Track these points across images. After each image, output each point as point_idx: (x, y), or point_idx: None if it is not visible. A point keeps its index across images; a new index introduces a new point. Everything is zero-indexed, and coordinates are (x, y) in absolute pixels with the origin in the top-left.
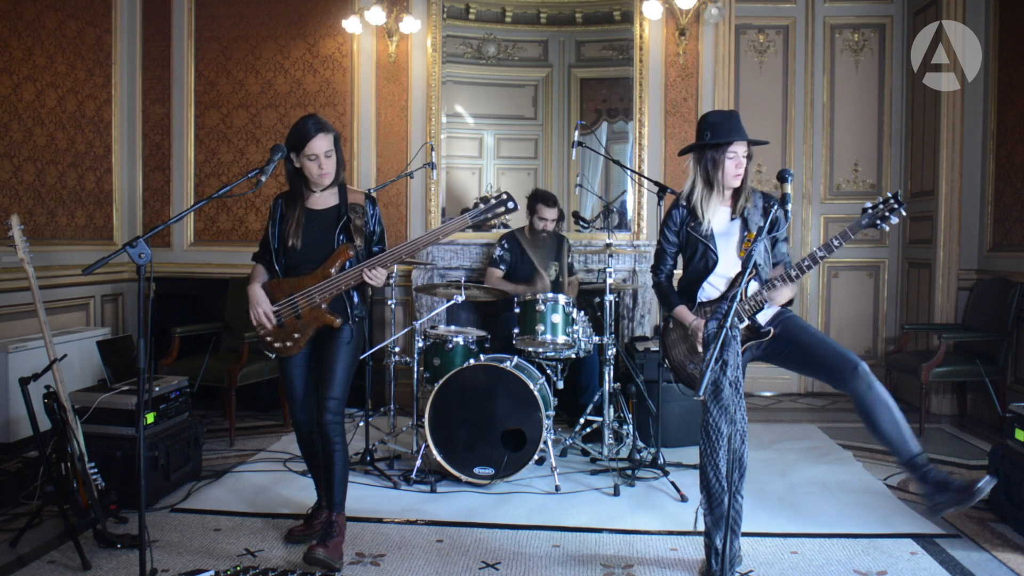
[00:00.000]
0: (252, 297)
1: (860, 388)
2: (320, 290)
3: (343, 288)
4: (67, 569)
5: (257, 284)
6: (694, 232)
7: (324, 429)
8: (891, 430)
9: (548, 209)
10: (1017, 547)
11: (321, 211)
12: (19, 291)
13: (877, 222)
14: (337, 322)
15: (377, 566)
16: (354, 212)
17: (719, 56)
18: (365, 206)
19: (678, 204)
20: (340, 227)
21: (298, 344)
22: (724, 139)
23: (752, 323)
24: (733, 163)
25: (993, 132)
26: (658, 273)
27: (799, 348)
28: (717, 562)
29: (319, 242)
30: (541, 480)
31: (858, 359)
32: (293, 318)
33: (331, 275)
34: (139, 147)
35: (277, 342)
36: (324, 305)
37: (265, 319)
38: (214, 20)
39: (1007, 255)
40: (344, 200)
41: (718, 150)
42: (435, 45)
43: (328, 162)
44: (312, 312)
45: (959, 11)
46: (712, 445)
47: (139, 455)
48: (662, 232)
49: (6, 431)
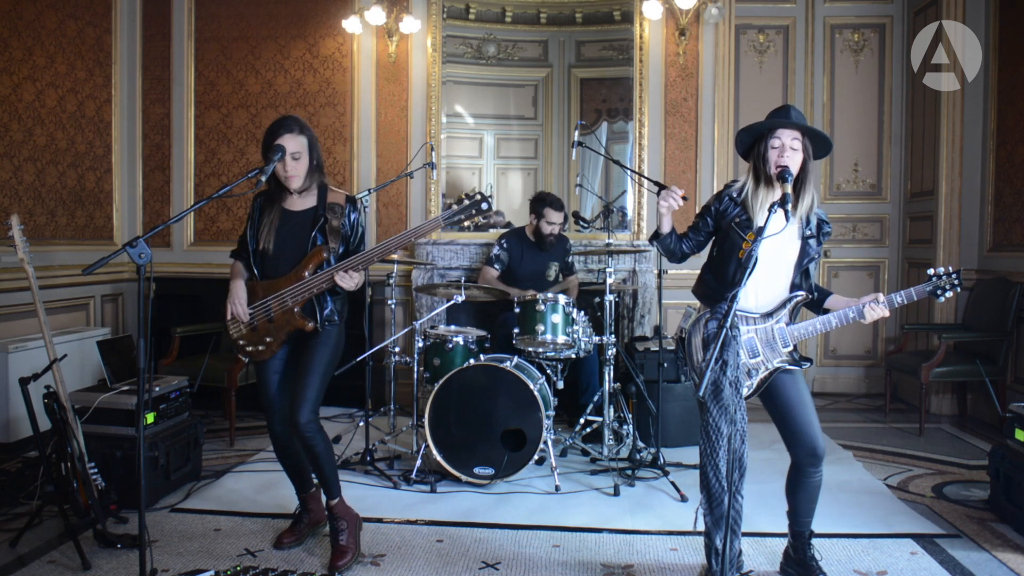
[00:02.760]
0: (232, 290)
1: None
2: (292, 293)
3: (315, 291)
4: (67, 569)
5: (239, 280)
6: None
7: (299, 431)
8: (805, 500)
9: (556, 213)
10: (1017, 547)
11: (298, 212)
12: (19, 291)
13: (937, 292)
14: (309, 326)
15: (377, 566)
16: (331, 212)
17: (719, 56)
18: (345, 206)
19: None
20: (316, 228)
21: (271, 348)
22: (768, 123)
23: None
24: (776, 152)
25: (993, 132)
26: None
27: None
28: (717, 562)
29: (294, 244)
30: (541, 480)
31: (823, 453)
32: (265, 321)
33: (304, 278)
34: (139, 147)
35: (249, 346)
36: (296, 308)
37: (241, 313)
38: (214, 20)
39: (1007, 255)
40: (323, 201)
41: (763, 138)
42: (435, 45)
43: (295, 164)
44: (284, 316)
45: (959, 11)
46: (712, 445)
47: (139, 455)
48: (701, 213)
49: (6, 431)
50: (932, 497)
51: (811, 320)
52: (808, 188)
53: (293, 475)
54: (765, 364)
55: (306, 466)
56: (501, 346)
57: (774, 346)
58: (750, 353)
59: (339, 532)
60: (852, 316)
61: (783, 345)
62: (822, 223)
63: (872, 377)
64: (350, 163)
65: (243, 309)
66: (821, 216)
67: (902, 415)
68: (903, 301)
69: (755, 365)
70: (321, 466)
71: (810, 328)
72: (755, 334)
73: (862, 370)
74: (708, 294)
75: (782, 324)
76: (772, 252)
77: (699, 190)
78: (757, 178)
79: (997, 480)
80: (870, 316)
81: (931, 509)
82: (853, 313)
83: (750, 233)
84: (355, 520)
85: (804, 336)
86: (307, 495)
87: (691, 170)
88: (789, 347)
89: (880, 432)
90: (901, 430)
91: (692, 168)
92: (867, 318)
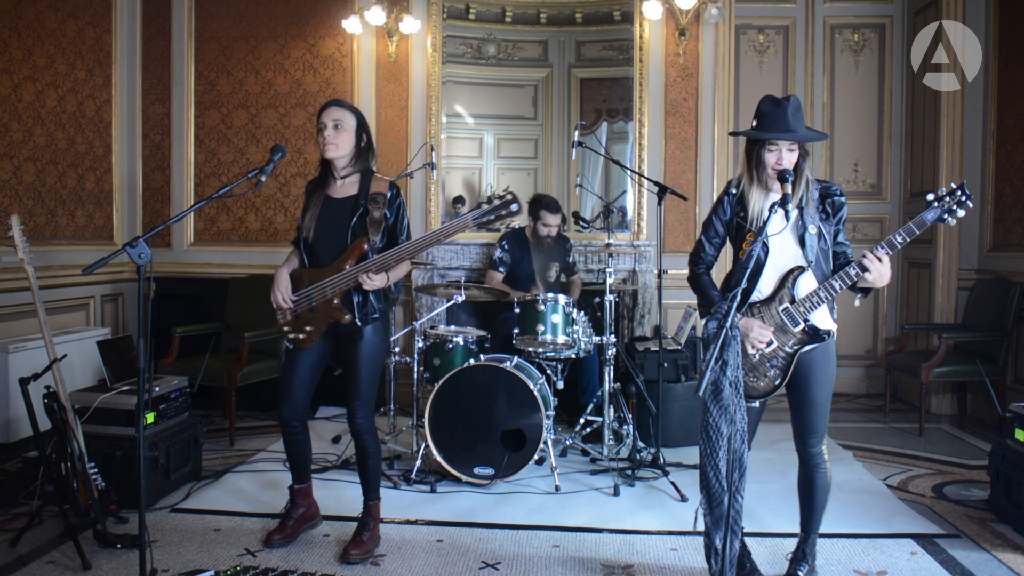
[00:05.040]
0: (276, 278)
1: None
2: (332, 284)
3: (352, 285)
4: (67, 569)
5: (285, 268)
6: (744, 224)
7: (356, 432)
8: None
9: (552, 216)
10: (1017, 547)
11: (338, 200)
12: (19, 291)
13: (945, 216)
14: (346, 318)
15: (377, 566)
16: (373, 203)
17: (719, 56)
18: (387, 194)
19: (728, 191)
20: (356, 218)
21: (311, 337)
22: (765, 134)
23: (806, 325)
24: (773, 157)
25: (993, 132)
26: (696, 264)
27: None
28: (717, 562)
29: (332, 233)
30: (541, 480)
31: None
32: (307, 310)
33: (345, 269)
34: (139, 147)
35: (293, 332)
36: (336, 300)
37: (283, 301)
38: (214, 20)
39: (1007, 255)
40: (365, 189)
41: (760, 146)
42: (435, 45)
43: (336, 134)
44: (325, 306)
45: (959, 11)
46: (712, 445)
47: (139, 455)
48: (709, 219)
49: (6, 431)
50: (932, 497)
51: (813, 290)
52: (802, 180)
53: (294, 464)
54: (782, 349)
55: (307, 458)
56: (501, 346)
57: (785, 328)
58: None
59: (365, 528)
60: (854, 273)
61: (793, 325)
62: (825, 197)
63: (872, 377)
64: None
65: (285, 296)
66: (824, 189)
67: (902, 415)
68: (904, 240)
69: (772, 354)
70: (369, 466)
71: (814, 299)
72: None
73: (862, 370)
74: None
75: (786, 304)
76: (779, 249)
77: (699, 190)
78: (751, 177)
79: (997, 480)
80: (872, 267)
81: (931, 509)
82: (854, 270)
83: (750, 233)
84: (378, 521)
85: (812, 308)
86: (300, 487)
87: (691, 170)
88: (800, 325)
89: (880, 432)
90: (901, 430)
91: (692, 168)
92: (870, 270)
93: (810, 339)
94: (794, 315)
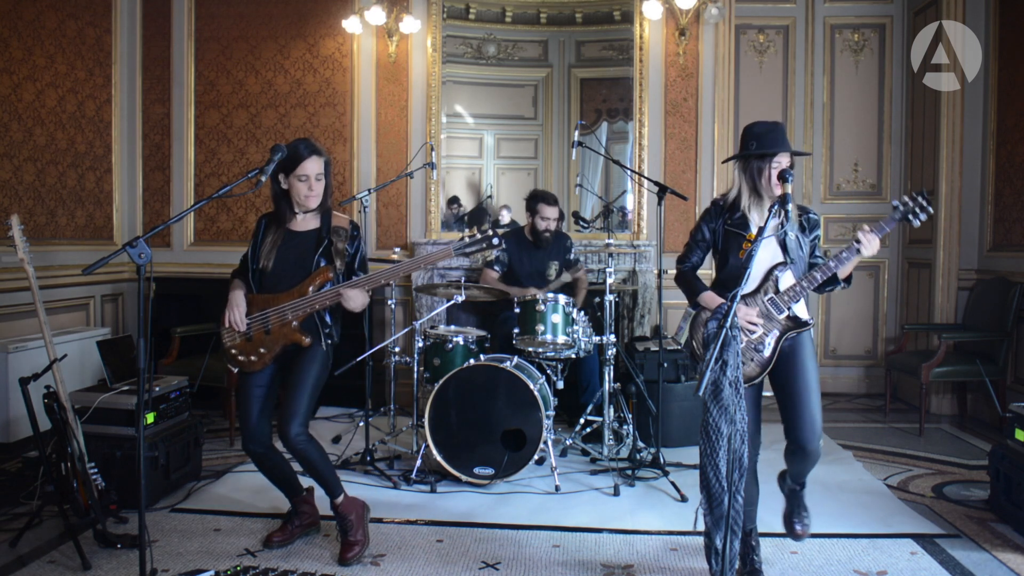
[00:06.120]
0: (231, 299)
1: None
2: (294, 307)
3: (317, 308)
4: (67, 569)
5: (240, 291)
6: (735, 229)
7: (291, 443)
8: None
9: (549, 208)
10: (1017, 547)
11: (302, 232)
12: (19, 291)
13: (908, 217)
14: (306, 340)
15: (377, 566)
16: (336, 235)
17: (719, 56)
18: (348, 230)
19: (717, 203)
20: (321, 250)
21: (263, 360)
22: (769, 150)
23: (790, 313)
24: (776, 168)
25: (993, 132)
26: (683, 263)
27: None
28: (717, 562)
29: (294, 263)
30: (541, 480)
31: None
32: (262, 333)
33: (308, 293)
34: (139, 147)
35: (241, 355)
36: (296, 323)
37: (238, 322)
38: (214, 20)
39: (1007, 255)
40: (327, 224)
41: (763, 160)
42: (435, 45)
43: (317, 185)
44: (282, 328)
45: (959, 11)
46: (712, 445)
47: (139, 455)
48: (698, 226)
49: (6, 431)
50: (932, 497)
51: (796, 280)
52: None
53: (279, 484)
54: (768, 334)
55: (290, 473)
56: (501, 346)
57: (770, 315)
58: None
59: (347, 530)
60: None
61: (778, 312)
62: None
63: (872, 377)
64: (350, 163)
65: (241, 318)
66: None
67: (902, 415)
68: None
69: (758, 340)
70: (319, 472)
71: (797, 288)
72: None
73: (862, 370)
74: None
75: (771, 294)
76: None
77: (699, 190)
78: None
79: (997, 480)
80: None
81: (931, 509)
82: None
83: (750, 233)
84: (362, 510)
85: (796, 297)
86: (298, 499)
87: (691, 170)
88: (784, 313)
89: (880, 432)
90: (901, 430)
91: (692, 168)
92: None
93: (793, 326)
94: (779, 303)
